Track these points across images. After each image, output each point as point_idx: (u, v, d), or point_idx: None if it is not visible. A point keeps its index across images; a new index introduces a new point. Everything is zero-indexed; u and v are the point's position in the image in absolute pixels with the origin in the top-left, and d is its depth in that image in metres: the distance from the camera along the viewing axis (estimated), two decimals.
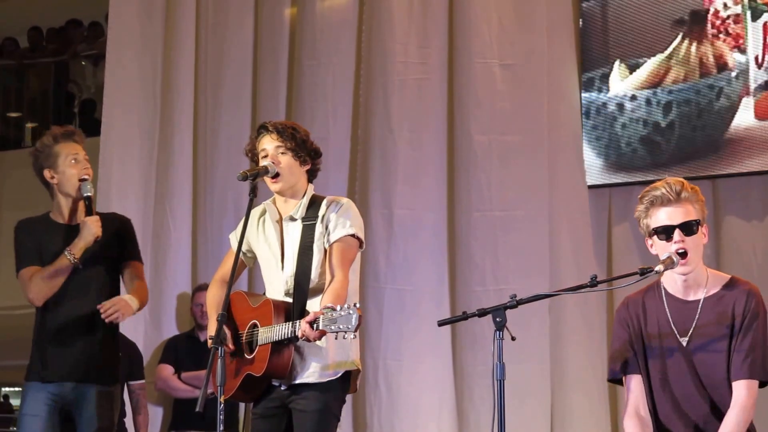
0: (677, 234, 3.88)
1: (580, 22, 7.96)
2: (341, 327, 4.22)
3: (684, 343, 4.02)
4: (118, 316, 4.97)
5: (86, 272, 5.08)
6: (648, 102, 7.84)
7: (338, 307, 4.21)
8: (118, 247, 5.23)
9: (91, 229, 4.99)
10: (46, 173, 5.02)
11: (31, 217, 5.30)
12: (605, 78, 8.00)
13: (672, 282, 4.04)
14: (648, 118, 7.81)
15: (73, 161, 5.09)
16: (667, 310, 4.08)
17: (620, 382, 4.15)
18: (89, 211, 5.08)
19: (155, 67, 7.94)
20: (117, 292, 5.19)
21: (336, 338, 4.33)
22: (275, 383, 4.59)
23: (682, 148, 7.61)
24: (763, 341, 3.98)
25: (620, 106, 7.87)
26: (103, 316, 4.94)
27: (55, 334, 5.11)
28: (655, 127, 7.74)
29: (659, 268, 3.84)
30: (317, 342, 4.44)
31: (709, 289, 4.03)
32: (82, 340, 5.08)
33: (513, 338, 3.85)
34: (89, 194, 5.09)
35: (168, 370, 7.00)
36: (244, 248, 4.70)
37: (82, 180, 5.05)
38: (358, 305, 4.21)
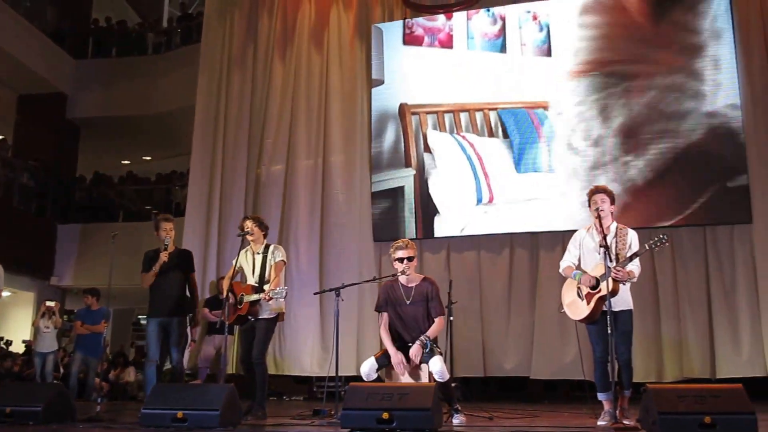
0: (405, 261, 5.14)
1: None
2: (279, 295, 5.54)
3: (408, 303, 5.18)
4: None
5: (168, 273, 6.10)
6: None
7: (278, 288, 5.51)
8: (184, 264, 6.19)
9: (161, 259, 6.04)
10: (156, 234, 6.20)
11: (151, 249, 6.27)
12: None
13: (402, 278, 5.21)
14: None
15: (163, 230, 6.13)
16: (401, 289, 5.22)
17: (379, 312, 5.27)
18: (165, 249, 6.08)
19: (206, 192, 9.82)
20: (184, 283, 6.12)
21: (276, 300, 5.57)
22: (250, 318, 5.71)
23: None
24: (440, 302, 5.21)
25: None
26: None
27: (157, 298, 6.07)
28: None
29: (398, 273, 5.18)
30: (269, 301, 5.61)
31: (417, 281, 5.23)
32: (169, 301, 6.05)
33: (342, 299, 5.47)
34: (167, 243, 6.12)
35: (206, 310, 8.42)
36: (237, 266, 5.90)
37: (163, 238, 6.13)
38: (286, 288, 5.63)
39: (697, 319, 7.87)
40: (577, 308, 5.00)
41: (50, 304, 8.96)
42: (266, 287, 5.63)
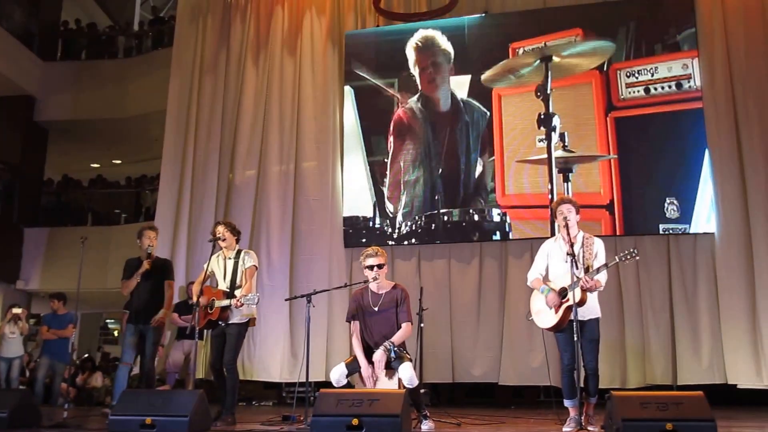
0: (375, 268, 5.14)
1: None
2: (251, 301, 5.45)
3: (377, 310, 5.17)
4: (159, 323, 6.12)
5: (149, 281, 6.25)
6: None
7: (250, 294, 5.39)
8: (161, 272, 6.29)
9: (143, 266, 6.22)
10: (139, 241, 6.35)
11: (132, 257, 6.47)
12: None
13: (373, 286, 5.20)
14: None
15: (147, 238, 6.29)
16: (370, 296, 5.23)
17: (350, 321, 5.26)
18: (148, 257, 6.24)
19: (176, 196, 9.64)
20: (161, 289, 6.23)
21: (247, 306, 5.51)
22: (220, 323, 5.65)
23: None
24: (409, 309, 5.16)
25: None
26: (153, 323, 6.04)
27: (136, 304, 6.20)
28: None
29: (369, 281, 5.17)
30: (240, 307, 5.55)
31: (387, 288, 5.22)
32: (148, 308, 6.18)
33: (313, 305, 5.34)
34: (149, 251, 6.28)
35: (176, 315, 8.07)
36: (208, 270, 5.80)
37: (146, 246, 6.30)
38: (258, 294, 5.50)
39: (659, 327, 7.97)
40: (545, 317, 5.06)
41: (17, 310, 8.87)
42: (237, 292, 5.59)
